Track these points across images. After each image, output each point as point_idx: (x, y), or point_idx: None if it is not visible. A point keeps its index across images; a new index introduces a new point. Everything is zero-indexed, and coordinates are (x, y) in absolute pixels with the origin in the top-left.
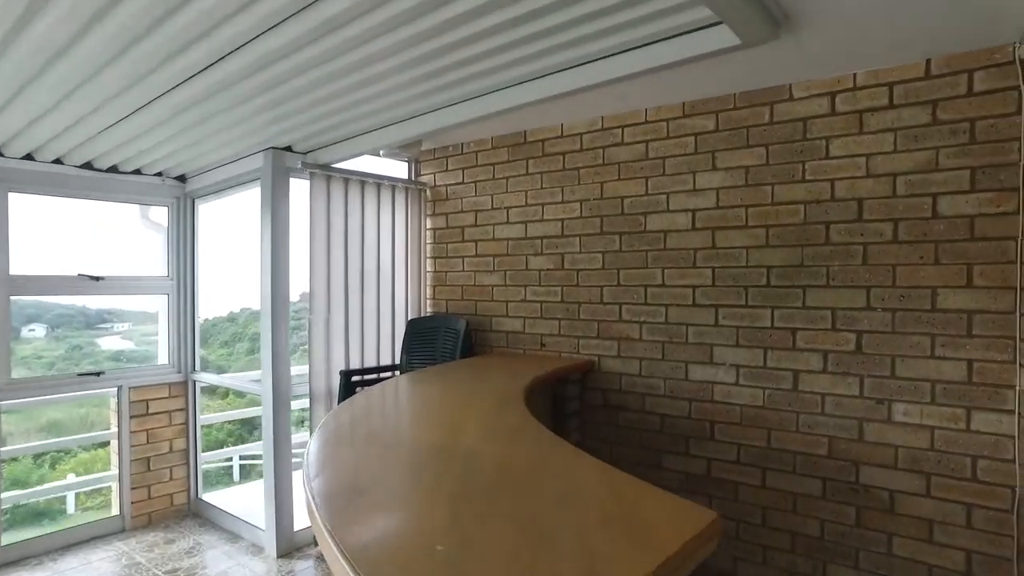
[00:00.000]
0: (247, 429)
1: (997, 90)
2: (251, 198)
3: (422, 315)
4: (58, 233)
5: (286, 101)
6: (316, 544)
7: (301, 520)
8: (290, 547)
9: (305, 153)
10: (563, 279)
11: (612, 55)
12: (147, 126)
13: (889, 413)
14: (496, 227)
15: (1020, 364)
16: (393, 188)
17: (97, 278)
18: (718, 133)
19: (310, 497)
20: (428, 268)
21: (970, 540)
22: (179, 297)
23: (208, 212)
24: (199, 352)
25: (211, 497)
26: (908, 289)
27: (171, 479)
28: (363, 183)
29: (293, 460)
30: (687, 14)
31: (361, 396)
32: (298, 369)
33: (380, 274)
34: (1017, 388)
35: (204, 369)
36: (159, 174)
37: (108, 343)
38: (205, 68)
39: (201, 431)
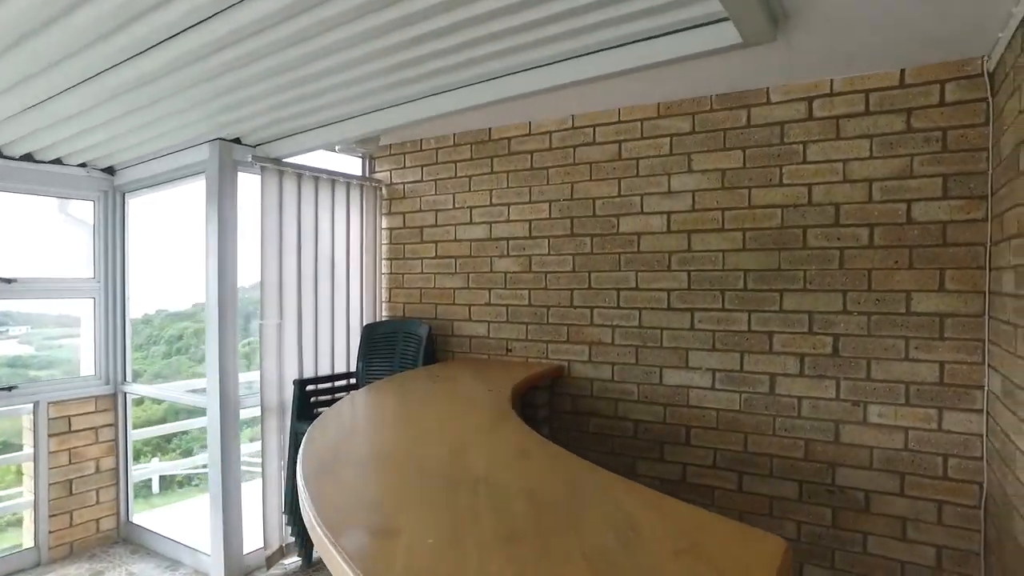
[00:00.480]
0: (163, 438)
1: (967, 101)
2: (191, 192)
3: (377, 319)
4: None
5: (235, 90)
6: (268, 567)
7: (252, 541)
8: (239, 573)
9: (255, 146)
10: (531, 282)
11: (597, 51)
12: (72, 111)
13: (865, 415)
14: (458, 227)
15: (989, 365)
16: (348, 185)
17: (8, 280)
18: (694, 135)
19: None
20: (383, 270)
21: (941, 536)
22: (107, 301)
23: (140, 208)
24: (131, 361)
25: (144, 519)
26: (883, 293)
27: (97, 502)
28: (316, 179)
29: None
30: (688, 10)
31: (333, 412)
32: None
33: (334, 277)
34: (986, 388)
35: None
36: (83, 165)
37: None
38: (147, 49)
39: (132, 448)
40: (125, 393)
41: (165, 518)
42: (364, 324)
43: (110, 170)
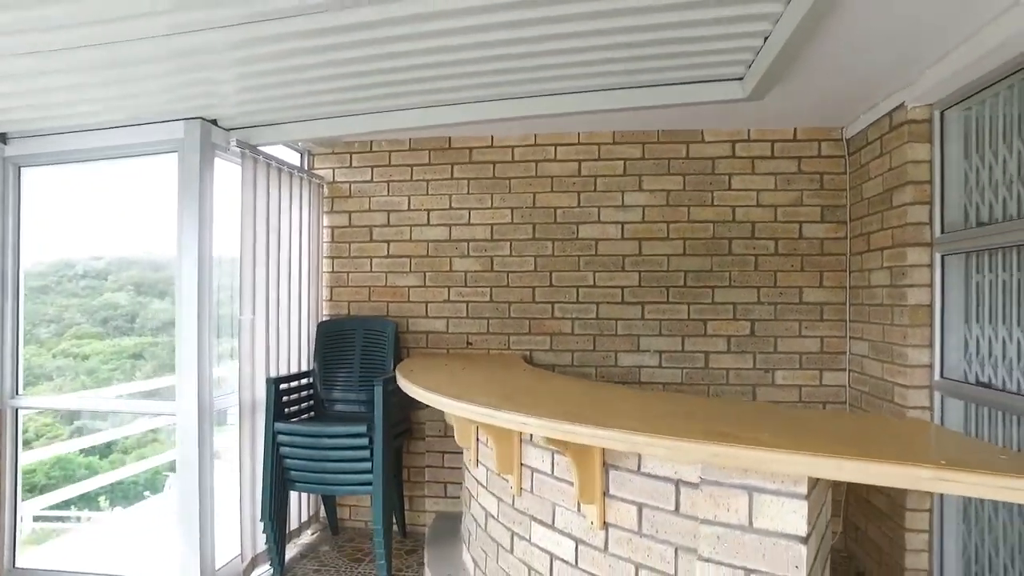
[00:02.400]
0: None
1: (834, 156)
2: (129, 169)
3: (321, 318)
4: None
5: (217, 66)
6: None
7: (224, 552)
8: None
9: (228, 130)
10: (492, 280)
11: (611, 90)
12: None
13: (773, 379)
14: (414, 228)
15: (849, 337)
16: (302, 180)
17: None
18: (644, 160)
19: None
20: (325, 268)
21: None
22: None
23: (36, 182)
24: (22, 370)
25: (36, 560)
26: (784, 289)
27: None
28: (280, 171)
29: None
30: (723, 69)
31: (407, 365)
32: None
33: (291, 273)
34: (848, 353)
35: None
36: None
37: None
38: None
39: (22, 476)
40: (15, 409)
41: (63, 554)
42: (319, 322)
43: (2, 137)
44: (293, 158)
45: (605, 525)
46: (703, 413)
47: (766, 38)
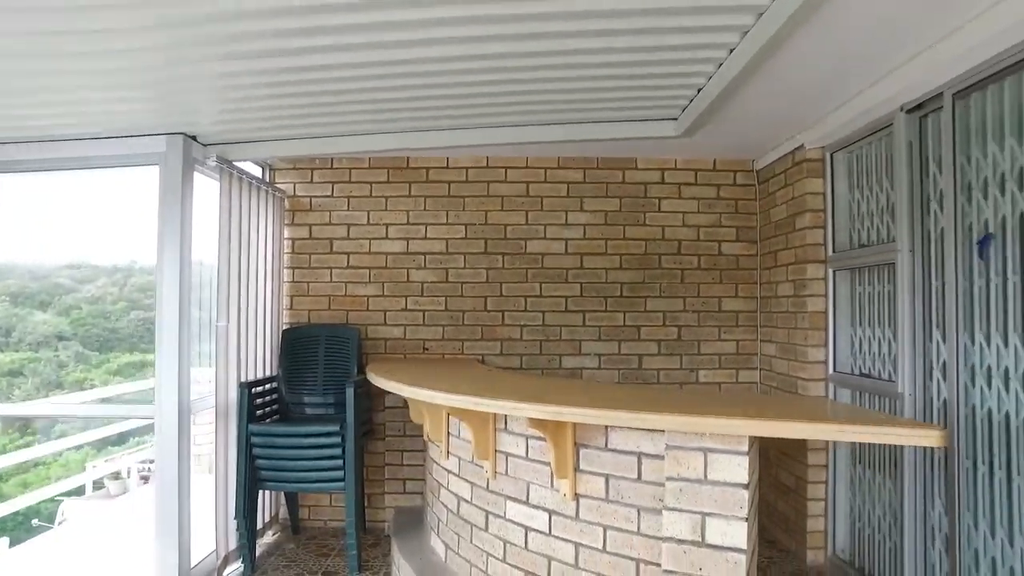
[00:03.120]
0: None
1: (747, 184)
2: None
3: (282, 326)
4: None
5: (199, 85)
6: (223, 574)
7: (200, 549)
8: None
9: (205, 145)
10: (448, 290)
11: (564, 124)
12: None
13: (697, 378)
14: (373, 241)
15: (760, 340)
16: (266, 193)
17: None
18: (585, 184)
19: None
20: (286, 278)
21: None
22: None
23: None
24: None
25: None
26: (706, 299)
27: None
28: (251, 184)
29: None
30: (661, 111)
31: (385, 366)
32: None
33: (258, 282)
34: (759, 355)
35: None
36: None
37: None
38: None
39: None
40: None
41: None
42: (284, 329)
43: None
44: (256, 171)
45: (576, 496)
46: (660, 397)
47: (699, 89)
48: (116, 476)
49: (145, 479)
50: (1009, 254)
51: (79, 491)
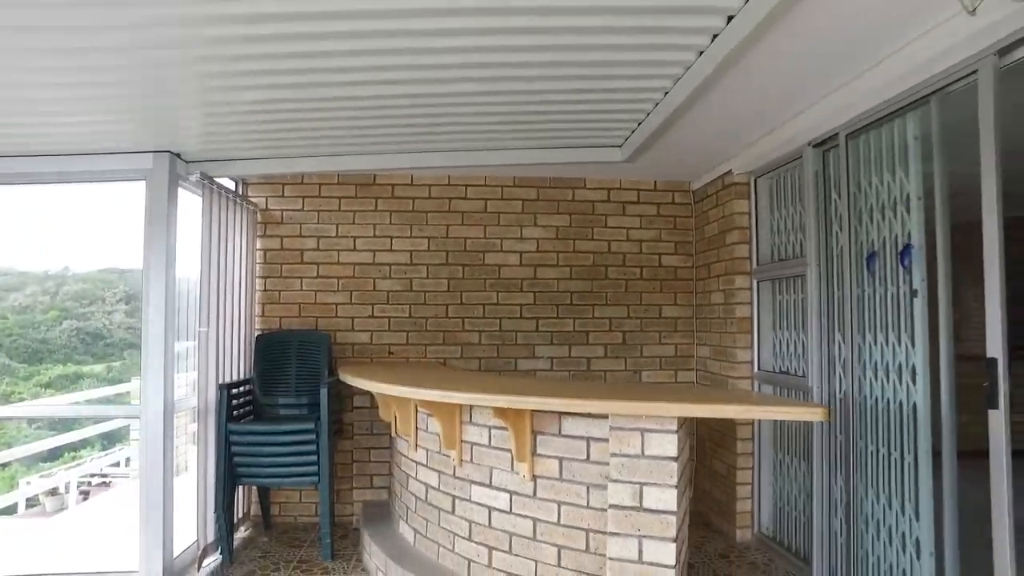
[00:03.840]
0: None
1: (684, 203)
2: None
3: (254, 332)
4: None
5: (187, 105)
6: (200, 564)
7: (181, 541)
8: (173, 574)
9: (188, 162)
10: (412, 299)
11: (522, 149)
12: None
13: (640, 378)
14: (342, 252)
15: (696, 343)
16: (241, 206)
17: None
18: (538, 201)
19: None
20: (258, 287)
21: None
22: None
23: None
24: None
25: None
26: (648, 306)
27: None
28: (227, 199)
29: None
30: (607, 139)
31: (365, 366)
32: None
33: (233, 291)
34: (695, 357)
35: None
36: None
37: None
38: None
39: None
40: None
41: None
42: (257, 335)
43: None
44: (230, 185)
45: (534, 477)
46: (605, 388)
47: (640, 123)
48: (53, 492)
49: (85, 495)
50: (888, 269)
51: (9, 510)
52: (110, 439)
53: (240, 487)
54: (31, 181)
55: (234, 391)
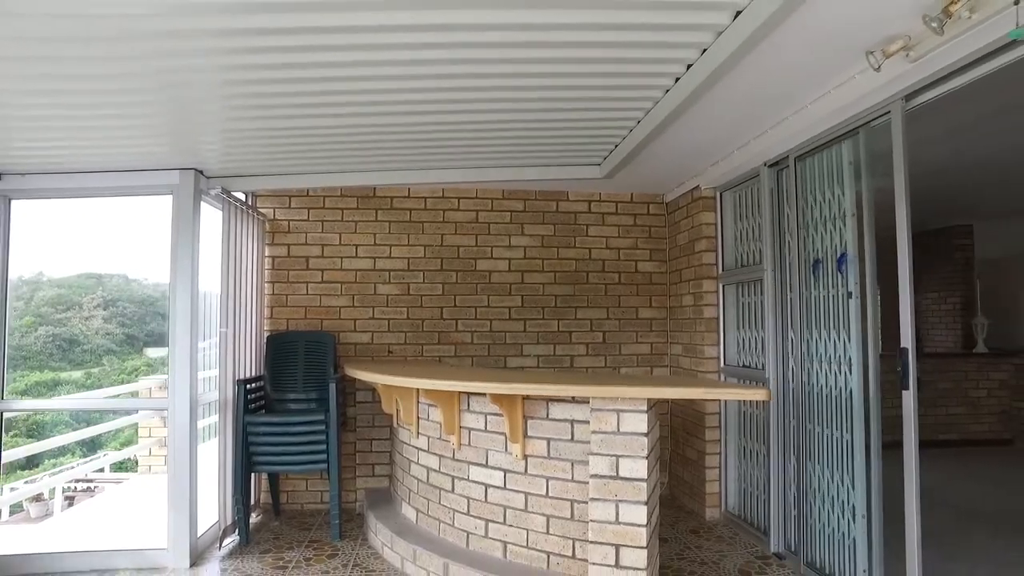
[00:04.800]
0: None
1: (658, 214)
2: (118, 206)
3: (264, 333)
4: None
5: (214, 128)
6: (221, 542)
7: (203, 522)
8: (196, 553)
9: (210, 178)
10: (409, 302)
11: (507, 166)
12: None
13: (619, 374)
14: (344, 259)
15: (669, 342)
16: (252, 217)
17: None
18: (525, 212)
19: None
20: (267, 291)
21: None
22: None
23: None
24: (7, 378)
25: (16, 546)
26: (626, 308)
27: None
28: (241, 211)
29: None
30: (588, 159)
31: (376, 363)
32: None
33: (246, 295)
34: (668, 354)
35: None
36: None
37: None
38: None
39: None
40: (1, 412)
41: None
42: (268, 335)
43: None
44: (240, 197)
45: (525, 456)
46: (587, 378)
47: (616, 145)
48: (38, 498)
49: (71, 500)
50: (830, 274)
51: None
52: (91, 447)
53: (254, 475)
54: (78, 195)
55: (248, 386)
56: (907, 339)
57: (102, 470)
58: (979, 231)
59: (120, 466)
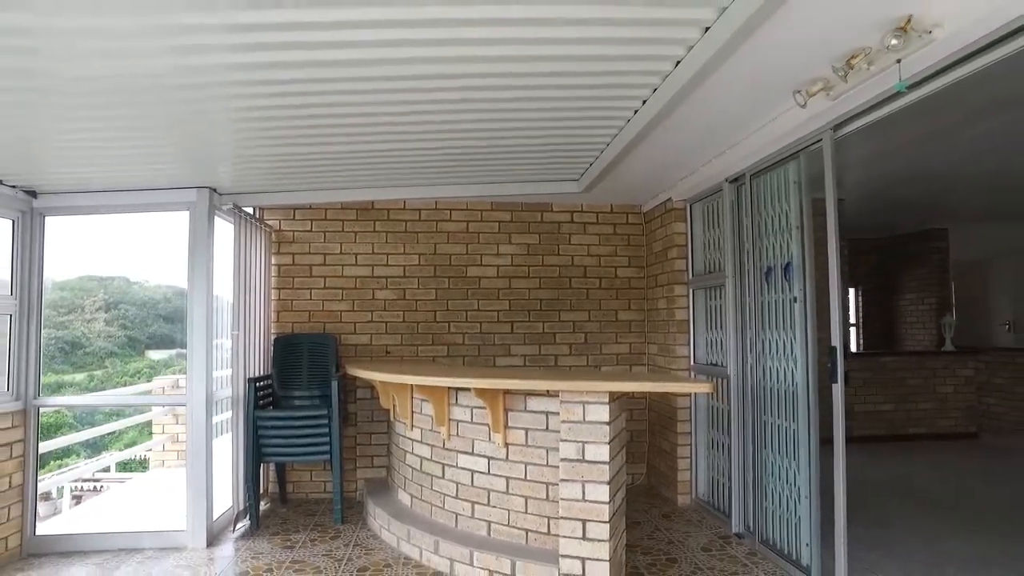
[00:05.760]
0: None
1: (636, 223)
2: (139, 221)
3: (271, 335)
4: None
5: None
6: (235, 525)
7: (217, 507)
8: (212, 535)
9: (222, 195)
10: (405, 306)
11: (493, 183)
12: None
13: (611, 377)
14: (345, 267)
15: (647, 342)
16: (259, 228)
17: None
18: (512, 223)
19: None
20: (273, 297)
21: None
22: (22, 318)
23: (64, 229)
24: (42, 377)
25: (52, 527)
26: (606, 311)
27: (8, 519)
28: (251, 223)
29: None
30: (566, 175)
31: (374, 362)
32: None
33: (255, 300)
34: (646, 354)
35: None
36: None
37: None
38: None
39: (38, 461)
40: (37, 408)
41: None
42: (275, 337)
43: (31, 192)
44: (248, 209)
45: (506, 445)
46: (558, 375)
47: (591, 164)
48: (46, 497)
49: (78, 499)
50: (779, 280)
51: None
52: (95, 448)
53: (263, 465)
54: (105, 212)
55: (258, 384)
56: (836, 339)
57: (107, 469)
58: (955, 234)
59: (125, 466)
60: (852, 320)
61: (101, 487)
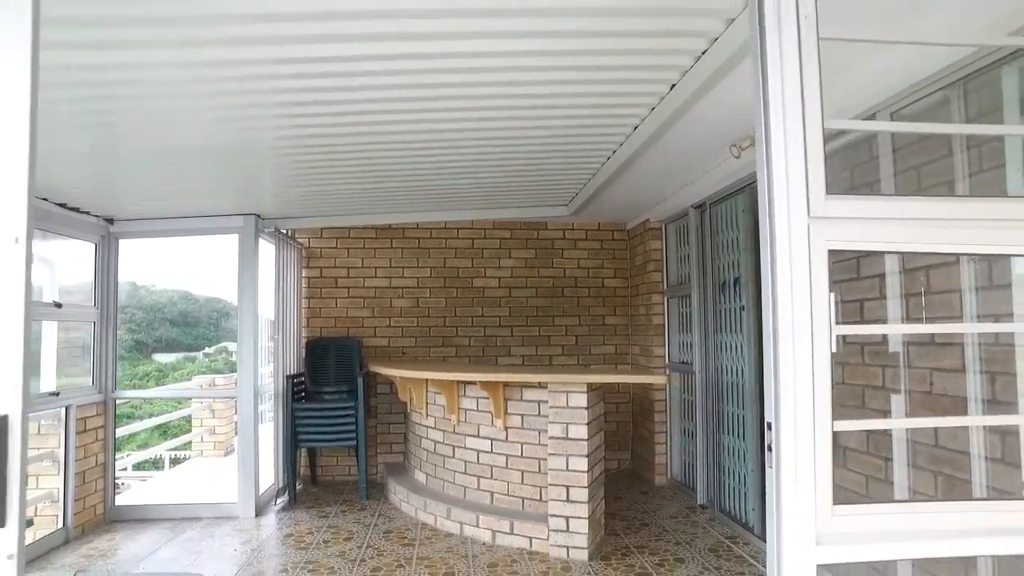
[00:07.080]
0: None
1: (621, 240)
2: (198, 243)
3: (303, 338)
4: None
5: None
6: (276, 499)
7: (262, 483)
8: (259, 507)
9: (264, 219)
10: (418, 313)
11: (493, 208)
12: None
13: (589, 371)
14: (366, 279)
15: (630, 344)
16: (292, 246)
17: (58, 304)
18: (512, 239)
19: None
20: (304, 305)
21: (623, 417)
22: (102, 325)
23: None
24: (118, 374)
25: (125, 499)
26: (595, 316)
27: (96, 491)
28: (287, 242)
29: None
30: (557, 201)
31: (392, 361)
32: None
33: (289, 308)
34: (629, 354)
35: None
36: (77, 210)
37: None
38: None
39: (115, 444)
40: (115, 399)
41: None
42: (306, 341)
43: (109, 219)
44: (283, 231)
45: (506, 428)
46: (546, 370)
47: (577, 192)
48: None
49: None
50: (732, 292)
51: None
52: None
53: (299, 450)
54: (167, 235)
55: (294, 380)
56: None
57: (125, 469)
58: None
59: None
60: None
61: (122, 484)
